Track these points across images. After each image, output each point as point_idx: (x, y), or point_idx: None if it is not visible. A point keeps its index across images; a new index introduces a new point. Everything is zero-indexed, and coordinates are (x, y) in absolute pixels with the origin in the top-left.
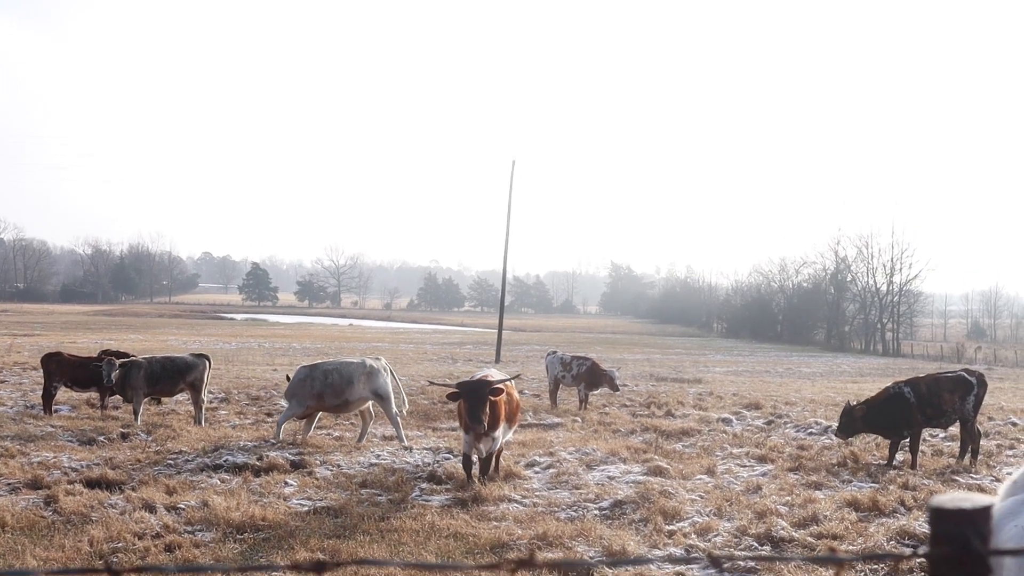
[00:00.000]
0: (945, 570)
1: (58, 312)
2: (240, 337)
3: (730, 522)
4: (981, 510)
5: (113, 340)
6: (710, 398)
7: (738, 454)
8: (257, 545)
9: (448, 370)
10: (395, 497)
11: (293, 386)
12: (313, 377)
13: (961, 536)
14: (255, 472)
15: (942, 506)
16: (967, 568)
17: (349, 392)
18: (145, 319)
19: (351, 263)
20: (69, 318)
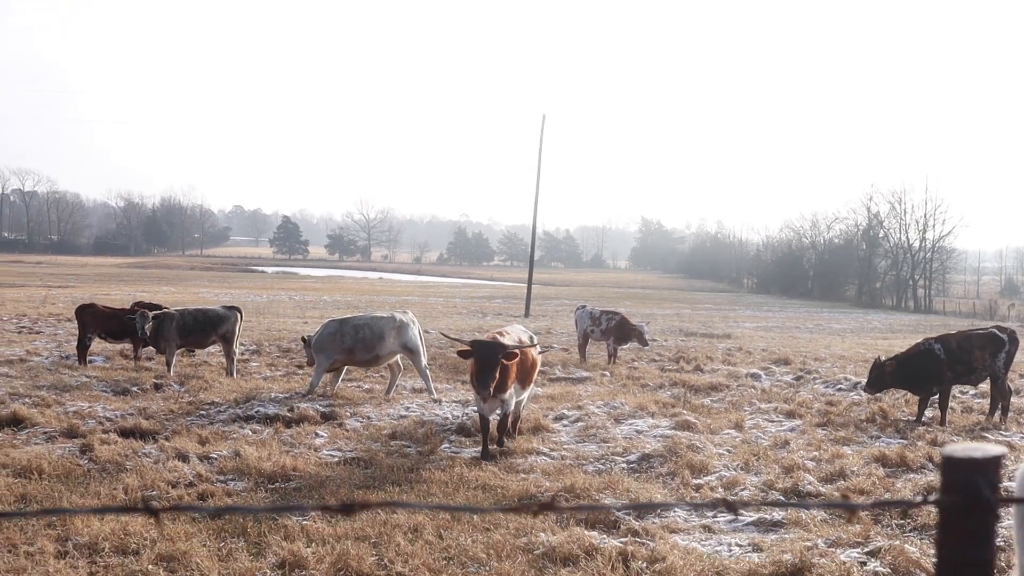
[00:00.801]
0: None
1: (91, 264)
2: (271, 290)
3: (757, 476)
4: (992, 459)
5: (146, 292)
6: (739, 353)
7: (766, 409)
8: (288, 494)
9: (477, 324)
10: (424, 449)
11: (322, 340)
12: (343, 332)
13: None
14: (286, 423)
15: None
16: (976, 515)
17: (380, 347)
18: (177, 271)
19: (381, 217)
20: (102, 270)
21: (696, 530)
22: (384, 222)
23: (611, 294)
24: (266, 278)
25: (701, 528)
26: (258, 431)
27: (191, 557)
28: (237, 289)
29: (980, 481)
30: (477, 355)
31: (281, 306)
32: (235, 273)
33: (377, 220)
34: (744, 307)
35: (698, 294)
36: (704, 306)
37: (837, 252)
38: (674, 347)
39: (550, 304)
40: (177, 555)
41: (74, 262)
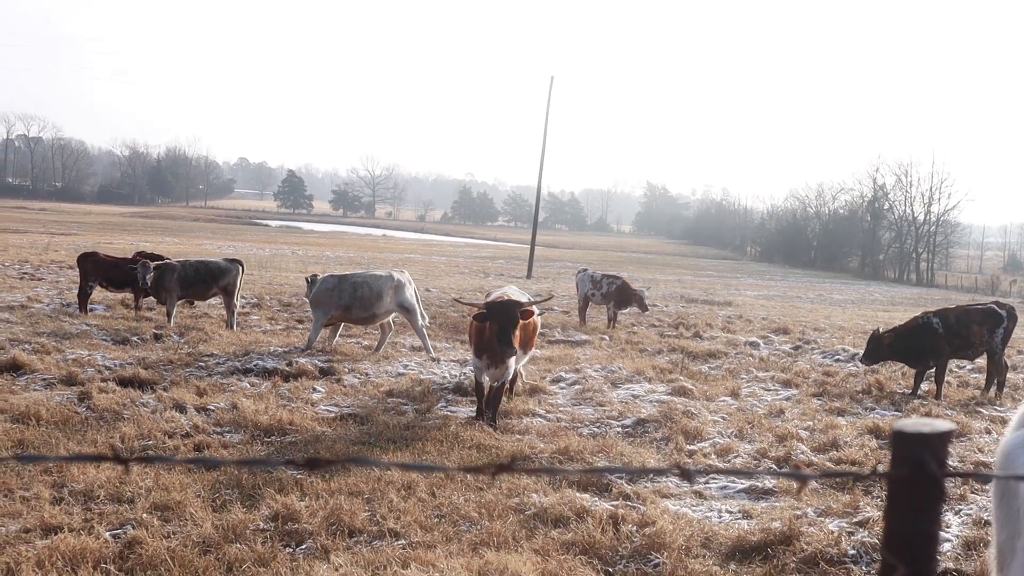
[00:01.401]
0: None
1: (95, 212)
2: (274, 244)
3: (751, 444)
4: (940, 435)
5: (148, 242)
6: (739, 321)
7: (763, 378)
8: (283, 448)
9: (479, 284)
10: (421, 407)
11: (319, 294)
12: (342, 289)
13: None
14: (284, 377)
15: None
16: (922, 489)
17: (377, 306)
18: (180, 223)
19: (386, 174)
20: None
21: (688, 496)
22: (389, 179)
23: (614, 258)
24: (269, 232)
25: (693, 494)
26: (256, 384)
27: (185, 507)
28: (240, 242)
29: (927, 456)
30: (496, 317)
31: (283, 260)
32: (238, 226)
33: (382, 177)
34: (746, 275)
35: (701, 261)
36: (707, 273)
37: (841, 223)
38: (674, 313)
39: (553, 266)
40: (172, 504)
41: (78, 210)
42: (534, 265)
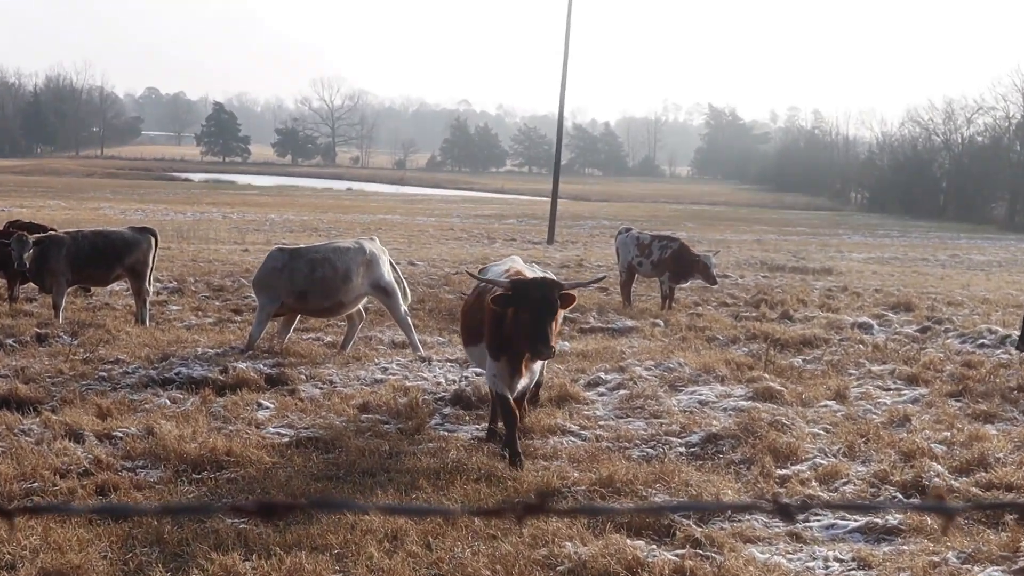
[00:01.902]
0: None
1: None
2: (198, 205)
3: (865, 465)
4: None
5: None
6: (843, 295)
7: (879, 372)
8: (219, 487)
9: (482, 254)
10: (407, 426)
11: (264, 275)
12: (294, 269)
13: None
14: (218, 389)
15: None
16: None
17: (344, 290)
18: (69, 179)
19: (350, 105)
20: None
21: (780, 539)
22: (354, 112)
23: (667, 213)
24: (191, 189)
25: (787, 536)
26: (179, 400)
27: (86, 573)
28: (151, 204)
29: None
30: (526, 301)
31: (212, 228)
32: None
33: (345, 109)
34: (851, 231)
35: (787, 213)
36: (796, 229)
37: (980, 155)
38: (753, 286)
39: (582, 227)
40: (67, 570)
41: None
42: (557, 225)
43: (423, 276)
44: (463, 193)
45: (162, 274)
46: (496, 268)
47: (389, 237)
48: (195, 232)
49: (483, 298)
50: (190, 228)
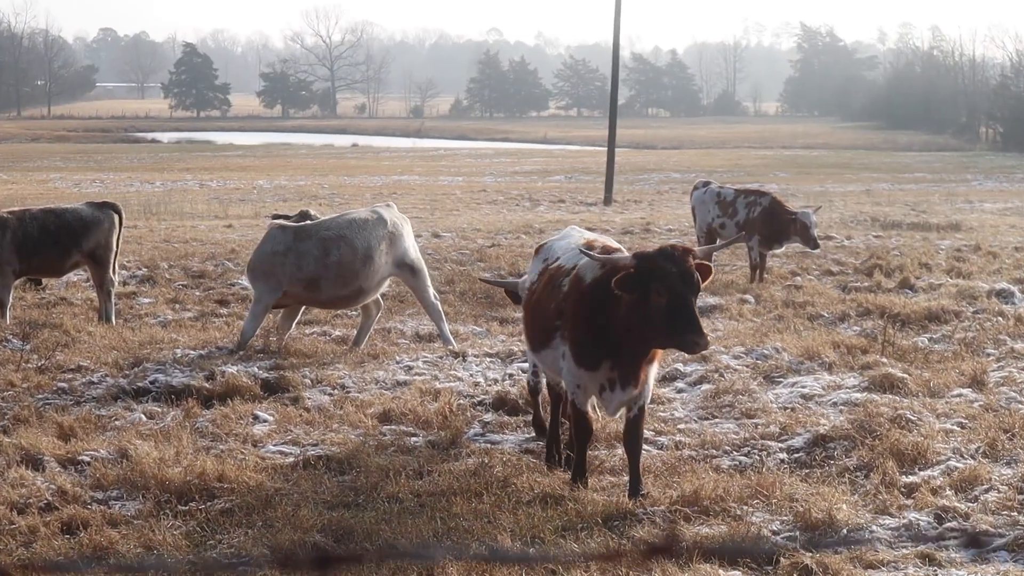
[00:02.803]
0: None
1: None
2: (169, 172)
3: (1011, 467)
4: None
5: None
6: (976, 256)
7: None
8: (212, 521)
9: (524, 220)
10: (440, 438)
11: (262, 259)
12: (301, 252)
13: None
14: (204, 400)
15: None
16: None
17: (366, 275)
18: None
19: (352, 40)
20: None
21: (910, 562)
22: (358, 49)
23: (752, 161)
24: (160, 152)
25: (919, 559)
26: (157, 415)
27: None
28: (112, 172)
29: None
30: (665, 277)
31: (188, 199)
32: (107, 145)
33: (346, 46)
34: (982, 175)
35: (902, 156)
36: (913, 176)
37: None
38: (864, 249)
39: (647, 182)
40: None
41: None
42: (615, 181)
43: (451, 251)
44: (496, 145)
45: (129, 259)
46: (554, 239)
47: (407, 203)
48: (167, 206)
49: (558, 282)
50: (160, 201)
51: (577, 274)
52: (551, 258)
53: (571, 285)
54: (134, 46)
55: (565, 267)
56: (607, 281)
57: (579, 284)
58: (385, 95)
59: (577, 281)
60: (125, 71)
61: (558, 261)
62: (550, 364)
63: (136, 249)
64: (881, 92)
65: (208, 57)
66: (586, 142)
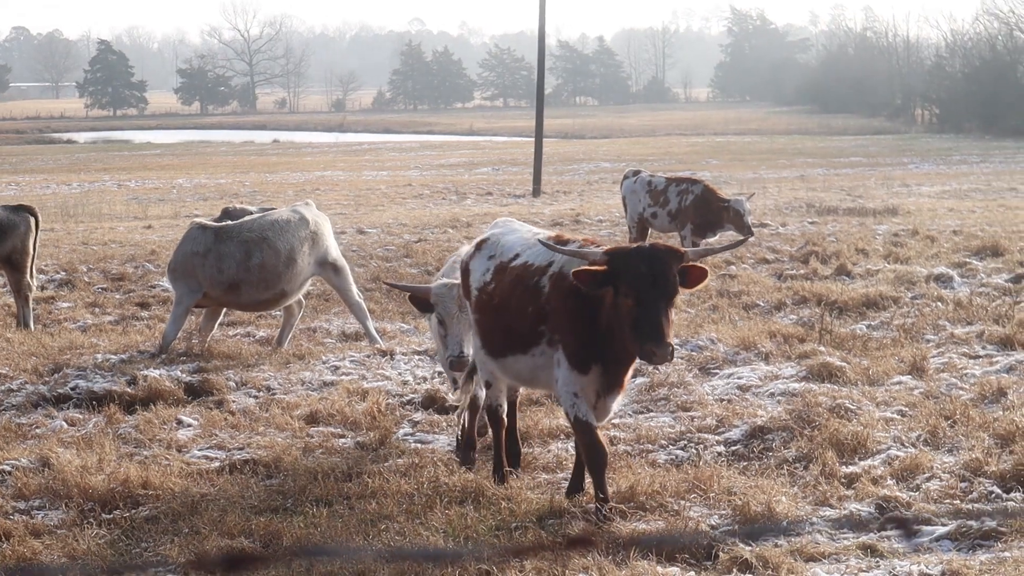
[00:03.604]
0: None
1: None
2: (86, 173)
3: (953, 455)
4: None
5: None
6: (913, 241)
7: (964, 336)
8: (137, 529)
9: (450, 214)
10: (369, 439)
11: (181, 260)
12: (222, 253)
13: None
14: (126, 405)
15: None
16: None
17: (289, 277)
18: None
19: (271, 33)
20: None
21: (852, 554)
22: (277, 42)
23: (683, 149)
24: (76, 152)
25: (860, 550)
26: (79, 422)
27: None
28: (26, 175)
29: None
30: (632, 277)
31: (106, 200)
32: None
33: (264, 40)
34: (918, 158)
35: (837, 140)
36: (849, 160)
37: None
38: (799, 235)
39: (576, 172)
40: None
41: None
42: (544, 172)
43: (376, 247)
44: (422, 138)
45: (46, 263)
46: (509, 238)
47: (331, 200)
48: (84, 208)
49: (531, 281)
50: (77, 203)
51: (561, 272)
52: (504, 254)
53: (554, 284)
54: (48, 44)
55: (536, 264)
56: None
57: (564, 282)
58: (306, 89)
59: (561, 280)
60: (39, 70)
61: (519, 258)
62: (520, 373)
63: (54, 252)
64: (814, 75)
65: (123, 54)
66: (513, 133)
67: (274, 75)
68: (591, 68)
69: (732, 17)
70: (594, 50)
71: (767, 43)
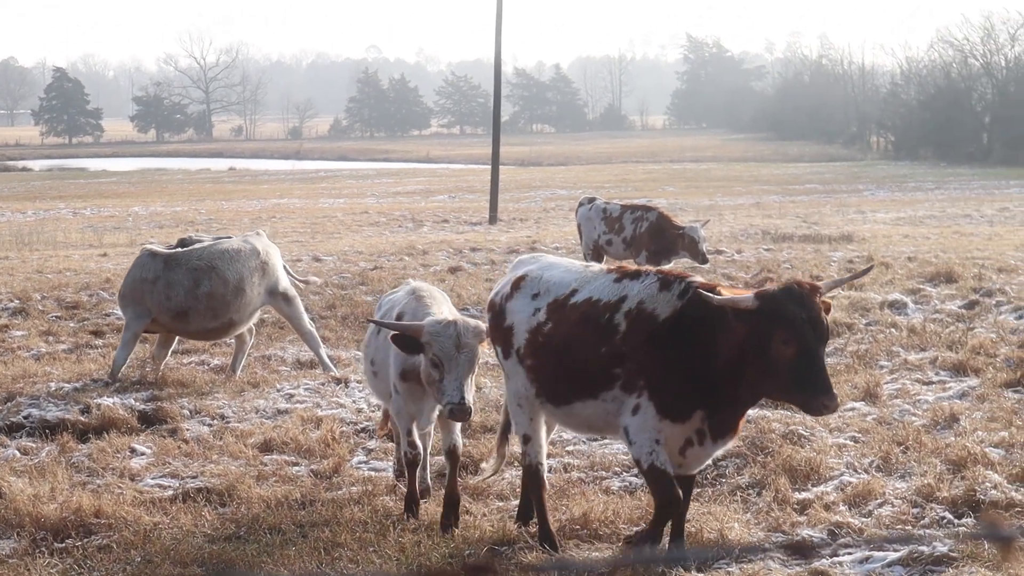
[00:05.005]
0: None
1: None
2: (41, 201)
3: (905, 481)
4: None
5: None
6: None
7: (918, 362)
8: (89, 558)
9: (407, 241)
10: (323, 467)
11: (131, 286)
12: (171, 281)
13: None
14: (79, 434)
15: None
16: None
17: (237, 307)
18: None
19: (227, 61)
20: None
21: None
22: (233, 70)
23: (639, 176)
24: (31, 180)
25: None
26: (32, 450)
27: None
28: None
29: None
30: (793, 322)
31: (61, 228)
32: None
33: (221, 67)
34: (873, 185)
35: (793, 167)
36: (804, 187)
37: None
38: (755, 262)
39: (533, 199)
40: None
41: None
42: (500, 199)
43: (333, 274)
44: (378, 165)
45: (0, 291)
46: (552, 273)
47: (287, 227)
48: (39, 236)
49: (601, 319)
50: (33, 231)
51: (641, 308)
52: (555, 291)
53: (635, 322)
54: (2, 72)
55: (604, 299)
56: (691, 315)
57: (650, 320)
58: (262, 117)
59: (646, 317)
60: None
61: (579, 293)
62: (590, 420)
63: (8, 281)
64: (770, 103)
65: (79, 82)
66: (470, 160)
67: (230, 103)
68: (548, 96)
69: (688, 45)
70: (551, 77)
71: (723, 70)
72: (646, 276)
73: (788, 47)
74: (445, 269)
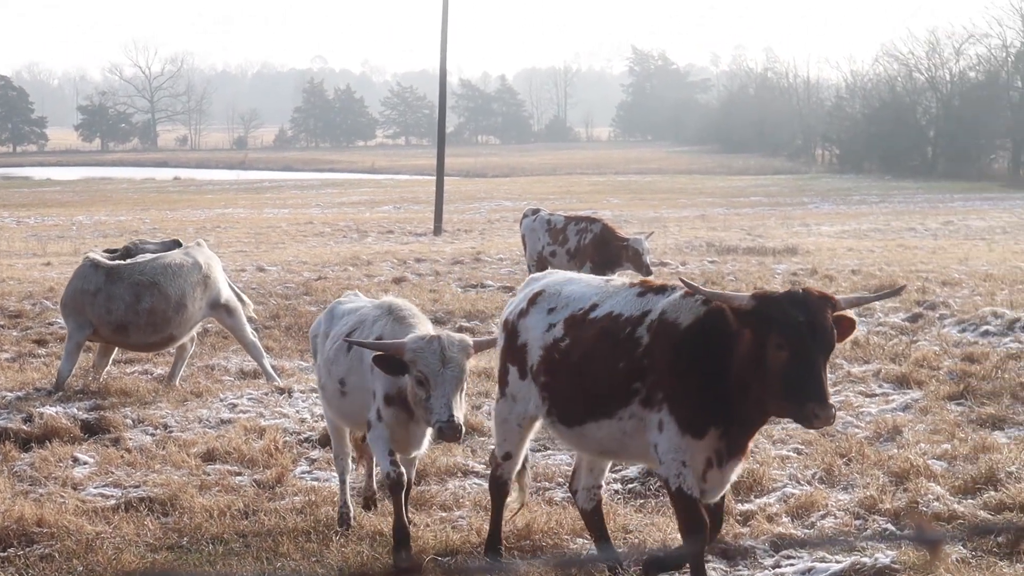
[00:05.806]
0: None
1: None
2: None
3: (848, 492)
4: None
5: None
6: (812, 280)
7: (861, 375)
8: (31, 567)
9: (351, 252)
10: (265, 477)
11: (72, 296)
12: (112, 295)
13: None
14: (22, 443)
15: None
16: None
17: (178, 323)
18: None
19: (172, 70)
20: None
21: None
22: (178, 80)
23: (584, 187)
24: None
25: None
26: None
27: None
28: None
29: None
30: (789, 327)
31: (4, 237)
32: None
33: (166, 77)
34: (818, 198)
35: (737, 180)
36: (749, 200)
37: (974, 95)
38: (699, 274)
39: (478, 210)
40: None
41: None
42: (445, 210)
43: (276, 284)
44: (323, 175)
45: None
46: (571, 287)
47: (231, 237)
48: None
49: (623, 333)
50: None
51: (663, 319)
52: (573, 305)
53: (656, 334)
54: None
55: (626, 313)
56: (713, 323)
57: (671, 330)
58: (208, 127)
59: (668, 326)
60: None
61: (599, 308)
62: (604, 442)
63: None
64: (715, 115)
65: (24, 90)
66: (415, 171)
67: (176, 112)
68: (493, 107)
69: (634, 57)
70: (496, 89)
71: (668, 83)
72: (672, 291)
73: (733, 60)
74: (389, 280)
